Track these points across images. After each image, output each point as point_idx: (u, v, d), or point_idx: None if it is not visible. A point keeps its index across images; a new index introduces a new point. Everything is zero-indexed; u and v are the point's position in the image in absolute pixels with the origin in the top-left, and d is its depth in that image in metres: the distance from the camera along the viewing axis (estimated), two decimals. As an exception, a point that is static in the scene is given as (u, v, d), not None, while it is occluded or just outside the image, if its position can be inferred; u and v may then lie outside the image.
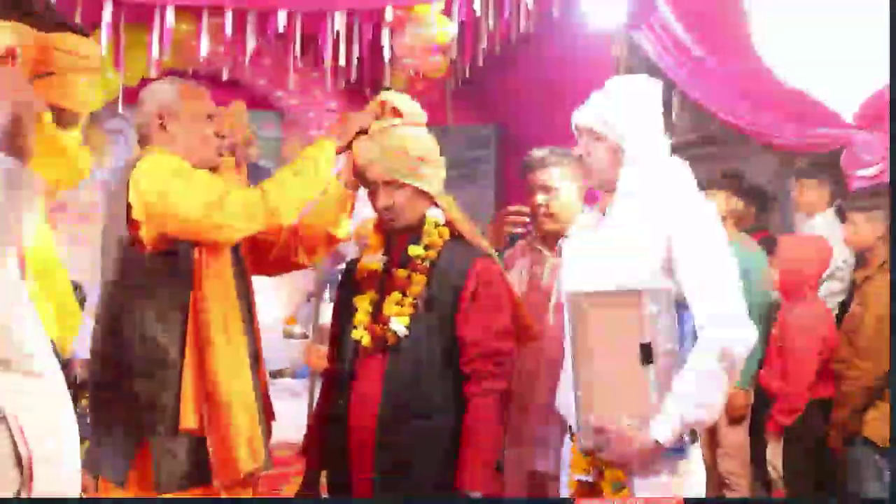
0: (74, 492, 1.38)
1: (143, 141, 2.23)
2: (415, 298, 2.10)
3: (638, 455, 1.87)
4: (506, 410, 2.11)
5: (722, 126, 4.47)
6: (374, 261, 2.19)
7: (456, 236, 2.19)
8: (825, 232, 3.83)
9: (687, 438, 1.90)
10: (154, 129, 2.19)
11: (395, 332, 2.07)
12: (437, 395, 2.07)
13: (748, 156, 4.95)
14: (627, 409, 1.90)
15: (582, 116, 2.10)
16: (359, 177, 2.21)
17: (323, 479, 2.29)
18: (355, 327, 2.14)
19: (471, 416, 2.04)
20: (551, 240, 2.59)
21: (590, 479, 1.98)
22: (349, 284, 2.26)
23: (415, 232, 2.16)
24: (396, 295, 2.11)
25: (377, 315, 2.12)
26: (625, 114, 2.02)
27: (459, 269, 2.11)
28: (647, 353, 1.88)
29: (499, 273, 2.16)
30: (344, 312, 2.24)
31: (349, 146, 2.21)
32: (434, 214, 2.18)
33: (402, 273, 2.13)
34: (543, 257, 2.61)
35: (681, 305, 1.91)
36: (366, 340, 2.11)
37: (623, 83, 2.10)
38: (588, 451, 1.96)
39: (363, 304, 2.16)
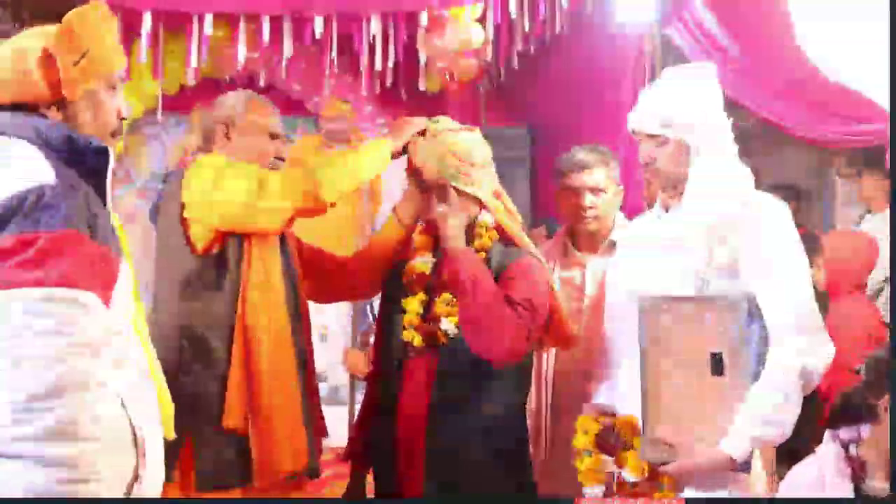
0: (161, 473, 1.53)
1: (206, 145, 2.29)
2: None
3: (706, 470, 1.80)
4: (528, 343, 2.07)
5: (759, 122, 4.40)
6: (423, 262, 2.22)
7: (504, 240, 2.20)
8: (875, 229, 3.74)
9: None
10: (217, 136, 2.26)
11: (446, 332, 2.10)
12: (486, 392, 2.08)
13: (784, 152, 4.85)
14: (697, 422, 1.81)
15: (639, 120, 1.97)
16: (414, 177, 2.24)
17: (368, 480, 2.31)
18: (404, 328, 2.15)
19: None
20: (588, 241, 2.56)
21: (633, 479, 1.90)
22: (394, 286, 2.26)
23: (465, 234, 2.17)
24: (447, 295, 2.13)
25: (427, 315, 2.14)
26: (683, 107, 1.91)
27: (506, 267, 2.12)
28: (717, 364, 1.80)
29: (541, 269, 2.16)
30: (389, 314, 2.24)
31: (405, 148, 2.24)
32: (485, 218, 2.21)
33: None
34: (580, 259, 2.57)
35: (751, 313, 1.81)
36: (417, 341, 2.13)
37: (675, 74, 2.02)
38: (652, 463, 1.86)
39: (412, 305, 2.17)
